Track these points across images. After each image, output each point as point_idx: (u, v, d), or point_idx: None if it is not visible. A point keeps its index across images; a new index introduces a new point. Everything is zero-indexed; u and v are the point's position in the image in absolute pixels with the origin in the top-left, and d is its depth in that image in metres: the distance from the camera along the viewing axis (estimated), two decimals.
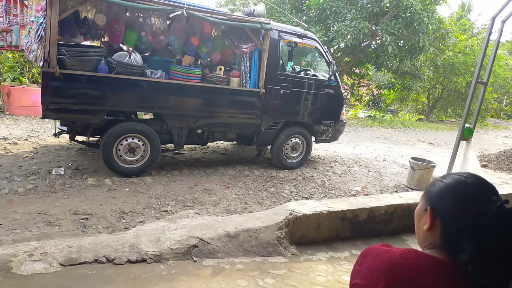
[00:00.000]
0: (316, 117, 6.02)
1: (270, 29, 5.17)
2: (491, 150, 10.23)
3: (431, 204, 1.01)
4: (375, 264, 0.95)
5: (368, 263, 0.98)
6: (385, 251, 0.97)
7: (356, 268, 1.03)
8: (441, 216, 0.98)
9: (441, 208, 0.98)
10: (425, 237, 1.02)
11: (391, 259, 0.93)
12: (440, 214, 0.98)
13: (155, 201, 4.21)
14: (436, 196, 1.01)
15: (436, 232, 0.98)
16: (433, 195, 1.02)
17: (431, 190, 1.03)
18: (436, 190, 1.02)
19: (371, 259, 0.98)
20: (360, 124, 12.84)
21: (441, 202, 0.99)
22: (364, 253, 1.03)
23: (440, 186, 1.02)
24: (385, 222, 3.96)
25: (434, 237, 0.99)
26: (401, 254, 0.94)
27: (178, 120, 5.00)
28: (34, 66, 9.45)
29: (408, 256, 0.93)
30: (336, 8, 11.58)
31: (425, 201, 1.04)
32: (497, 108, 23.03)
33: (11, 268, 2.46)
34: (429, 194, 1.03)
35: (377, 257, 0.96)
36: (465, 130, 5.25)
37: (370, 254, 1.00)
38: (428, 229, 1.00)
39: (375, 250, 0.99)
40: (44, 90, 4.16)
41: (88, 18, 4.97)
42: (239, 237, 3.17)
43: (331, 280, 2.98)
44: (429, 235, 1.00)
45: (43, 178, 4.42)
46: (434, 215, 0.99)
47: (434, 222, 0.99)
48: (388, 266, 0.92)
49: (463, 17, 21.40)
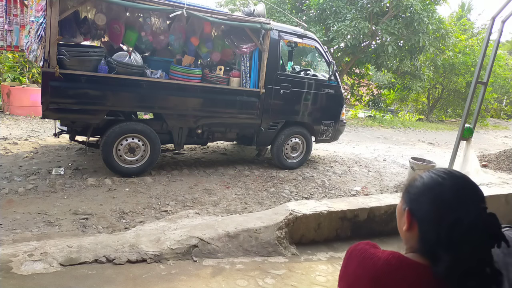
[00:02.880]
0: (316, 117, 6.02)
1: (270, 29, 5.17)
2: (491, 150, 10.23)
3: (409, 205, 0.97)
4: (359, 271, 0.95)
5: (352, 268, 0.97)
6: (369, 256, 0.95)
7: (342, 271, 1.02)
8: (418, 220, 0.95)
9: (418, 211, 0.95)
10: (405, 238, 1.00)
11: (375, 265, 0.92)
12: (418, 217, 0.95)
13: (155, 201, 4.21)
14: (413, 198, 0.97)
15: (415, 235, 0.96)
16: (411, 196, 0.98)
17: (409, 190, 1.00)
18: (413, 192, 0.98)
19: (356, 264, 0.97)
20: (360, 124, 12.84)
21: (418, 205, 0.95)
22: (349, 255, 1.01)
23: (417, 187, 0.97)
24: (385, 222, 3.96)
25: (413, 239, 0.96)
26: (385, 260, 0.92)
27: (178, 120, 5.00)
28: (34, 66, 9.45)
29: (393, 262, 0.91)
30: (336, 8, 11.58)
31: (404, 201, 1.01)
32: (497, 108, 23.03)
33: (11, 268, 2.46)
34: (408, 194, 1.00)
35: (362, 263, 0.95)
36: (465, 130, 5.25)
37: (355, 257, 0.98)
38: (407, 230, 0.97)
39: (359, 253, 0.97)
40: (44, 90, 4.16)
41: (88, 18, 4.97)
42: (239, 237, 3.17)
43: (331, 280, 2.97)
44: (409, 237, 0.98)
45: (43, 178, 4.42)
46: (411, 218, 0.96)
47: (412, 224, 0.96)
48: (373, 274, 0.91)
49: (463, 17, 21.41)
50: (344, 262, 1.02)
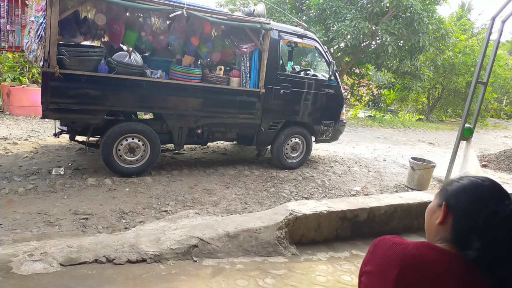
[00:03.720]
0: (316, 117, 6.02)
1: (270, 29, 5.17)
2: (491, 150, 10.23)
3: (447, 200, 1.06)
4: (388, 254, 0.99)
5: (381, 252, 1.01)
6: (398, 242, 1.00)
7: (368, 256, 1.06)
8: (454, 212, 1.03)
9: (456, 205, 1.03)
10: (436, 231, 1.07)
11: (405, 250, 0.97)
12: (454, 210, 1.03)
13: (155, 201, 4.21)
14: (452, 194, 1.06)
15: (447, 228, 1.03)
16: (449, 192, 1.07)
17: (448, 189, 1.09)
18: (453, 189, 1.07)
19: (384, 248, 1.01)
20: (360, 124, 12.84)
21: (456, 200, 1.04)
22: (377, 243, 1.06)
23: (457, 186, 1.07)
24: (385, 222, 3.96)
25: (445, 232, 1.04)
26: (415, 246, 0.98)
27: (178, 120, 5.00)
28: (34, 66, 9.45)
29: (421, 248, 0.97)
30: (336, 8, 11.58)
31: (441, 197, 1.09)
32: (497, 108, 23.03)
33: (11, 268, 2.46)
34: (445, 192, 1.09)
35: (391, 247, 0.99)
36: (465, 130, 5.25)
37: (383, 244, 1.03)
38: (440, 223, 1.05)
39: (388, 241, 1.03)
40: (44, 90, 4.16)
41: (88, 18, 4.97)
42: (239, 237, 3.17)
43: (331, 280, 2.97)
44: (441, 230, 1.05)
45: (43, 178, 4.42)
46: (447, 211, 1.04)
47: (446, 217, 1.04)
48: (402, 255, 0.96)
49: (463, 17, 21.40)
50: (370, 249, 1.07)
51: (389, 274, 0.94)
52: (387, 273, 0.95)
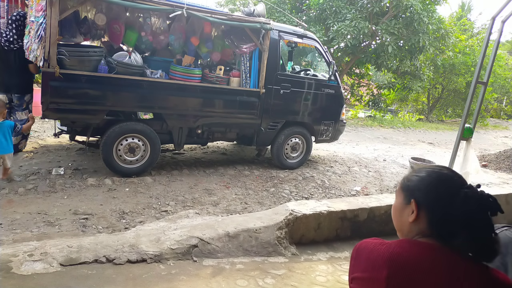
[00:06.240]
0: (316, 117, 6.02)
1: (270, 29, 5.17)
2: (491, 150, 10.23)
3: (414, 197, 1.04)
4: (373, 256, 0.97)
5: (365, 256, 1.00)
6: (380, 243, 1.00)
7: (352, 263, 1.05)
8: (426, 206, 1.02)
9: (425, 200, 1.02)
10: (409, 229, 1.05)
11: (389, 249, 0.96)
12: (425, 204, 1.02)
13: (155, 201, 4.21)
14: (417, 189, 1.04)
15: (422, 222, 1.02)
16: (413, 188, 1.05)
17: (410, 185, 1.07)
18: (416, 184, 1.05)
19: (367, 252, 1.00)
20: (360, 124, 12.84)
21: (423, 194, 1.03)
22: (358, 248, 1.04)
23: (418, 179, 1.05)
24: (385, 222, 3.96)
25: (419, 227, 1.03)
26: (397, 244, 0.97)
27: (178, 120, 5.00)
28: None
29: (404, 245, 0.97)
30: (336, 8, 11.57)
31: (406, 195, 1.07)
32: (497, 108, 23.02)
33: (11, 268, 2.46)
34: (408, 188, 1.07)
35: (374, 249, 0.98)
36: (465, 130, 5.24)
37: (365, 248, 1.02)
38: (414, 220, 1.03)
39: (369, 244, 1.01)
40: (44, 90, 4.16)
41: (88, 18, 4.97)
42: (239, 237, 3.17)
43: (331, 280, 2.97)
44: (414, 226, 1.04)
45: (43, 178, 4.42)
46: (418, 207, 1.02)
47: (419, 213, 1.02)
48: (388, 255, 0.95)
49: (463, 17, 21.41)
50: (353, 255, 1.06)
51: (378, 276, 0.93)
52: (376, 276, 0.94)
